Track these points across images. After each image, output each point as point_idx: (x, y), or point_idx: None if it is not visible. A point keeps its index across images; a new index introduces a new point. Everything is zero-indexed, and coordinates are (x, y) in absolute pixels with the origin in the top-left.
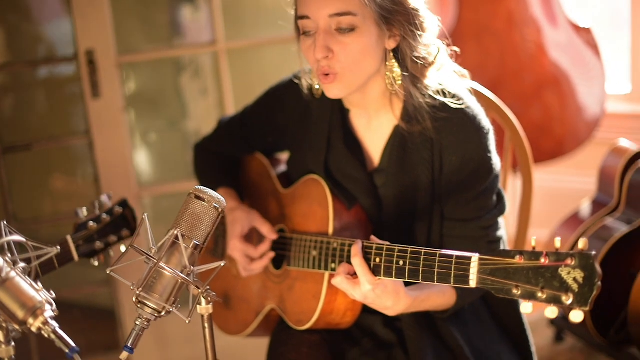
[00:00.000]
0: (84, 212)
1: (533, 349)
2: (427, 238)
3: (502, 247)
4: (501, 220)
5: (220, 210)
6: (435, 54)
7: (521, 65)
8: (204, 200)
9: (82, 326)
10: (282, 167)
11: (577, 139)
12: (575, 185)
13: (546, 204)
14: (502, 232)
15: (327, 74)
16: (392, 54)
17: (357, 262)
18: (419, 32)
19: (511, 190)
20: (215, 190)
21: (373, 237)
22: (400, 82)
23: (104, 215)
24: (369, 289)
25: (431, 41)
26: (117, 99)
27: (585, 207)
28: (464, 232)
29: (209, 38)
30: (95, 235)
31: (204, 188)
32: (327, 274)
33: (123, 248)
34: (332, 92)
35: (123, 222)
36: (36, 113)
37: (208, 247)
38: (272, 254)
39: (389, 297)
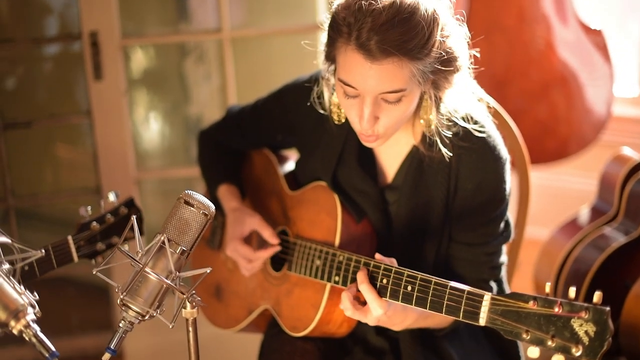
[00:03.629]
0: (88, 211)
1: None
2: (433, 258)
3: (502, 273)
4: (504, 246)
5: (208, 216)
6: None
7: (529, 63)
8: (192, 206)
9: (76, 303)
10: (289, 165)
11: (582, 140)
12: (578, 186)
13: (548, 203)
14: (504, 258)
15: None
16: (426, 96)
17: (365, 288)
18: (454, 74)
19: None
20: (218, 186)
21: (378, 255)
22: (435, 123)
23: (109, 216)
24: (381, 312)
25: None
26: (120, 82)
27: (584, 213)
28: (468, 256)
29: (215, 25)
30: (97, 236)
31: (193, 193)
32: (328, 285)
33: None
34: (371, 145)
35: (127, 223)
36: (39, 90)
37: (204, 237)
38: (271, 252)
39: (399, 316)
